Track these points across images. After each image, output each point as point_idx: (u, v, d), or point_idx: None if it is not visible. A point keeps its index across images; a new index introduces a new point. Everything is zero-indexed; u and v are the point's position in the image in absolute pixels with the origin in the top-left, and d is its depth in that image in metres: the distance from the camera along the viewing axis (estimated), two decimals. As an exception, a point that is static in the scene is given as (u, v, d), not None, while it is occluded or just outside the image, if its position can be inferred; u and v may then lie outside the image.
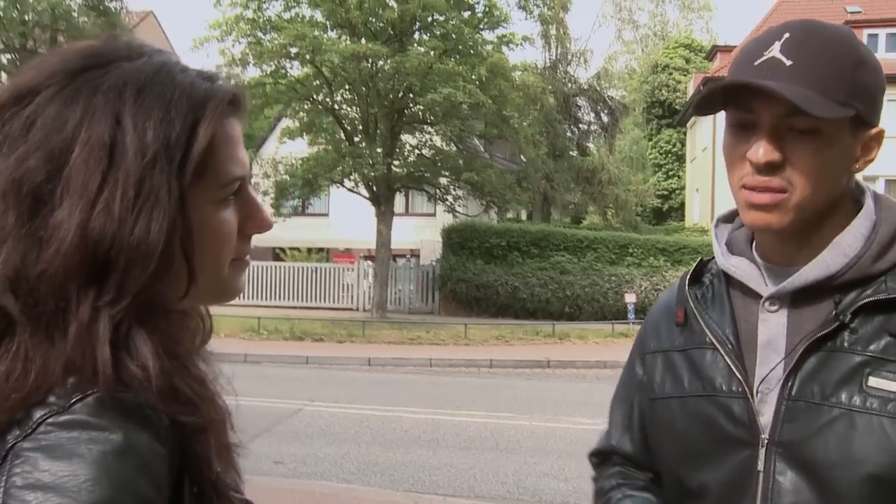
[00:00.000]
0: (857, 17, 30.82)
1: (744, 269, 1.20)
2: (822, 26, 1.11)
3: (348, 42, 19.11)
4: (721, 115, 1.13)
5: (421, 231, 27.70)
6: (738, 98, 1.10)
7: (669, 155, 41.33)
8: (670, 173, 41.23)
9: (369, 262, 23.96)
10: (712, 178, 30.51)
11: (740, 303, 1.20)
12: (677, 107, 39.54)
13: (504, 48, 21.54)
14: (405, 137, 21.55)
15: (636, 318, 19.82)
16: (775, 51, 1.08)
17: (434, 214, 26.97)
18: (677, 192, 40.23)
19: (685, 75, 40.00)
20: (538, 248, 21.96)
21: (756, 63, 1.09)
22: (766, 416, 1.13)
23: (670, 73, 40.92)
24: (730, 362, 1.16)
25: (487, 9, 21.05)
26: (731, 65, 1.18)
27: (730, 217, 1.31)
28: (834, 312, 1.10)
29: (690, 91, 36.47)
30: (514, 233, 22.18)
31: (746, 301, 1.20)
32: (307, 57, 19.31)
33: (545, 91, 27.41)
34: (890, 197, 1.21)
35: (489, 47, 20.88)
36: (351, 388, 11.87)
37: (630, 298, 20.06)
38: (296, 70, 21.08)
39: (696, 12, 53.51)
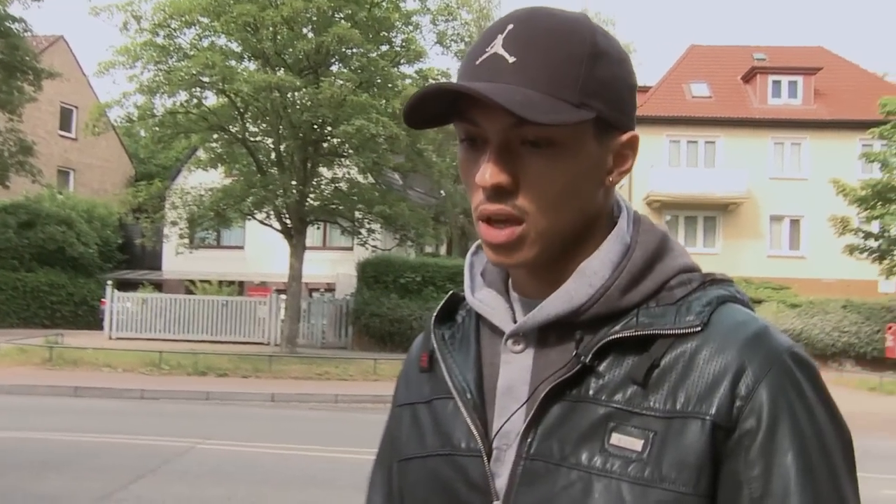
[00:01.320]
0: (762, 64, 32.04)
1: (489, 302, 1.00)
2: (552, 14, 0.91)
3: (261, 72, 18.85)
4: (640, 151, 0.94)
5: (338, 265, 27.40)
6: (462, 108, 0.90)
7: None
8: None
9: (283, 296, 23.52)
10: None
11: (488, 343, 1.00)
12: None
13: (422, 83, 21.58)
14: (321, 170, 21.33)
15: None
16: (497, 46, 0.89)
17: (351, 248, 26.72)
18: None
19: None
20: (454, 284, 21.85)
21: (477, 62, 0.90)
22: (502, 479, 0.93)
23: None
24: (466, 415, 0.96)
25: (405, 43, 21.10)
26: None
27: None
28: (575, 352, 0.91)
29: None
30: (430, 267, 22.09)
31: (494, 340, 0.99)
32: (219, 86, 18.97)
33: (462, 127, 27.51)
34: (652, 219, 1.02)
35: (408, 81, 20.89)
36: (250, 425, 11.48)
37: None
38: (211, 100, 20.72)
39: (614, 54, 55.01)
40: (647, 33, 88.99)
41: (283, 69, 19.72)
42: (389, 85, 20.37)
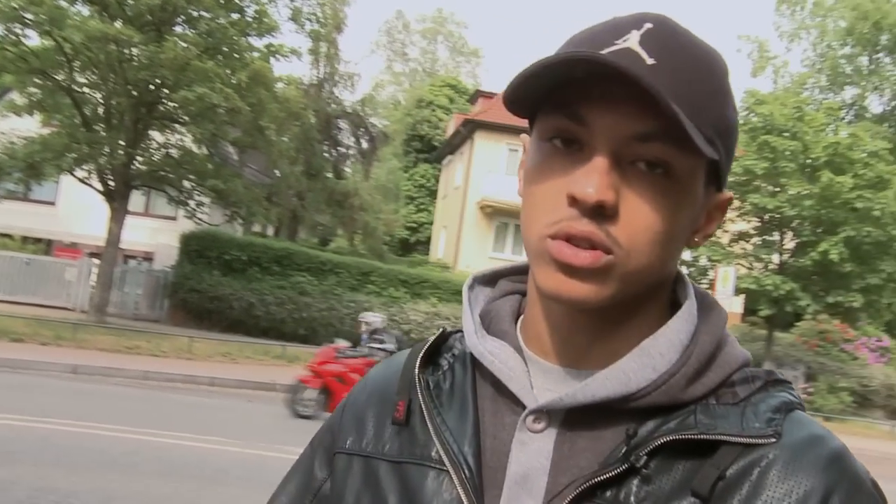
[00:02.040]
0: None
1: (505, 359, 0.81)
2: (688, 30, 0.77)
3: (97, 20, 17.57)
4: (479, 157, 0.76)
5: (158, 234, 26.09)
6: (566, 97, 0.73)
7: (423, 189, 42.37)
8: (421, 207, 42.24)
9: (95, 261, 22.10)
10: (461, 217, 31.60)
11: (490, 407, 0.82)
12: (436, 143, 40.72)
13: (271, 58, 20.90)
14: (153, 133, 20.19)
15: (370, 347, 19.80)
16: (632, 41, 0.73)
17: (175, 218, 25.49)
18: (426, 226, 41.27)
19: (447, 114, 41.37)
20: (280, 266, 21.37)
21: (604, 52, 0.72)
22: None
23: (433, 110, 42.14)
24: (463, 497, 0.77)
25: (258, 15, 20.37)
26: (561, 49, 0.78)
27: (491, 279, 0.93)
28: (625, 449, 0.73)
29: (450, 130, 37.70)
30: (257, 247, 21.45)
31: (499, 406, 0.81)
32: (45, 28, 17.51)
33: (307, 108, 27.02)
34: (704, 290, 0.86)
35: (255, 54, 20.17)
36: (45, 398, 10.63)
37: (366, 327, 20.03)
38: (36, 41, 19.08)
39: (465, 56, 55.92)
40: (498, 39, 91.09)
41: (122, 21, 18.49)
42: (237, 55, 19.58)
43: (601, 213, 0.71)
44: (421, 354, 0.87)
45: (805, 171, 21.74)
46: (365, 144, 32.79)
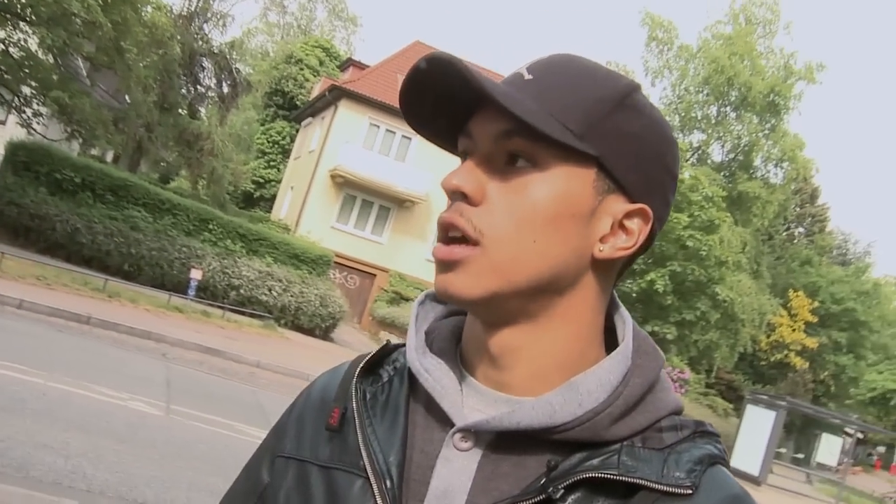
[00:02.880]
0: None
1: (439, 377, 0.83)
2: (591, 61, 0.83)
3: None
4: (339, 125, 0.79)
5: (-17, 136, 24.08)
6: (466, 124, 0.82)
7: (276, 146, 41.42)
8: (272, 164, 41.30)
9: None
10: (310, 181, 31.12)
11: (421, 421, 0.84)
12: (298, 102, 39.88)
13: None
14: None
15: (196, 296, 19.20)
16: (523, 66, 0.82)
17: (4, 123, 23.63)
18: (273, 183, 40.38)
19: (315, 75, 40.59)
20: (114, 196, 20.23)
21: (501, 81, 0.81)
22: None
23: (301, 69, 41.23)
24: None
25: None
26: None
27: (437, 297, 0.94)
28: (544, 480, 0.75)
29: (315, 91, 37.02)
30: (93, 172, 20.19)
31: (430, 421, 0.83)
32: None
33: (174, 38, 25.74)
34: (645, 333, 0.88)
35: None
36: None
37: (195, 274, 19.41)
38: None
39: (343, 21, 55.00)
40: (381, 13, 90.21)
41: None
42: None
43: (464, 200, 0.78)
44: (361, 364, 0.89)
45: (645, 203, 22.86)
46: (226, 89, 31.62)
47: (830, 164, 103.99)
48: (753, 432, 19.95)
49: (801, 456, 26.39)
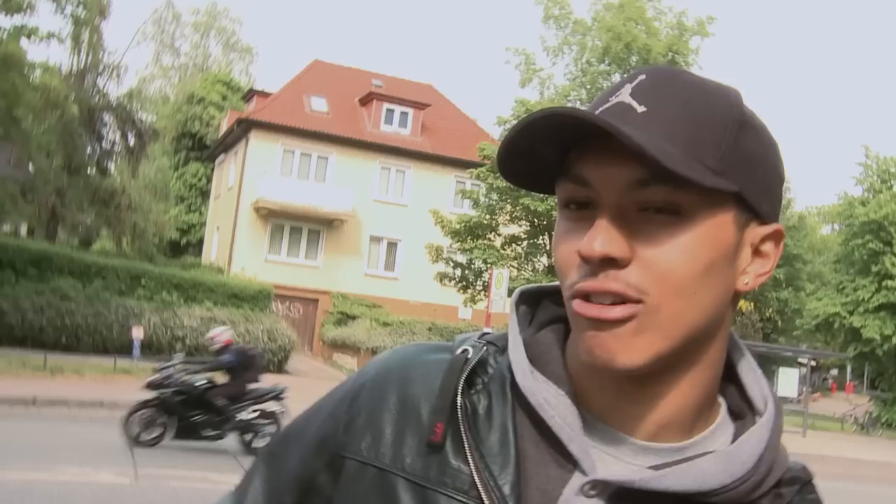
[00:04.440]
0: (379, 91, 33.81)
1: (562, 412, 0.76)
2: (690, 73, 0.77)
3: None
4: (253, 156, 0.70)
5: None
6: (570, 163, 0.74)
7: (194, 189, 40.69)
8: (192, 207, 40.55)
9: None
10: (235, 218, 30.66)
11: (533, 452, 0.77)
12: (208, 141, 39.26)
13: (24, 40, 19.12)
14: None
15: (141, 355, 18.71)
16: (624, 95, 0.74)
17: None
18: (198, 227, 39.65)
19: (220, 111, 40.00)
20: (37, 270, 19.62)
21: (598, 111, 0.74)
22: None
23: (205, 107, 40.58)
24: None
25: (8, -9, 18.56)
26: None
27: (536, 297, 0.88)
28: None
29: (224, 127, 36.49)
30: (10, 249, 19.56)
31: (543, 454, 0.77)
32: None
33: (68, 99, 25.04)
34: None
35: (3, 35, 18.35)
36: None
37: (137, 333, 18.89)
38: None
39: (238, 53, 54.29)
40: (274, 40, 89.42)
41: None
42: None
43: (613, 265, 0.71)
44: (464, 377, 0.80)
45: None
46: (132, 140, 30.87)
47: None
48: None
49: (762, 395, 27.13)
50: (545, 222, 23.36)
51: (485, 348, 0.83)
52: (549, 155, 0.75)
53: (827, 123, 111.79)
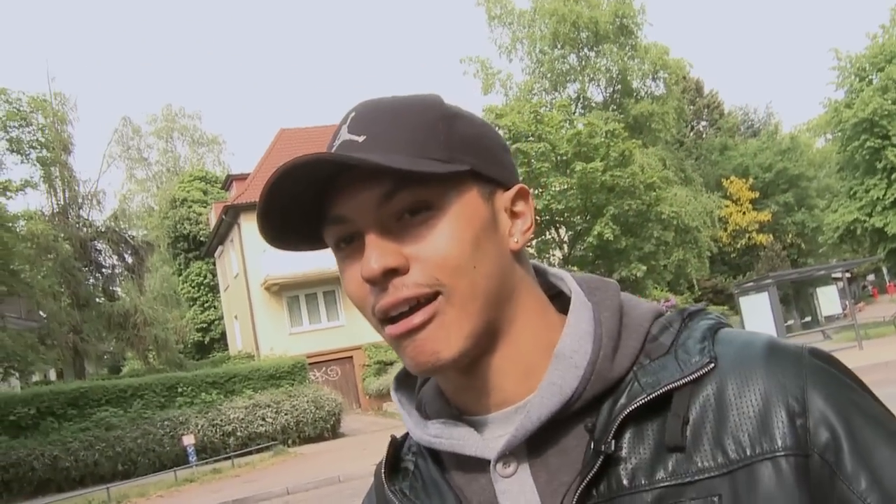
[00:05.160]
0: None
1: (450, 433, 0.83)
2: (391, 96, 0.84)
3: None
4: (249, 239, 0.75)
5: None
6: (326, 210, 0.81)
7: (202, 287, 40.88)
8: (206, 305, 40.72)
9: None
10: (249, 303, 30.72)
11: (464, 481, 0.84)
12: (202, 239, 39.49)
13: (0, 197, 19.36)
14: None
15: (198, 460, 18.72)
16: (343, 135, 0.81)
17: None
18: (216, 322, 39.79)
19: (205, 207, 40.28)
20: (76, 408, 19.68)
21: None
22: None
23: (190, 206, 40.87)
24: None
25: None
26: None
27: (409, 372, 0.95)
28: (592, 445, 0.77)
29: (213, 221, 36.70)
30: (45, 397, 19.64)
31: (471, 475, 0.84)
32: None
33: (58, 238, 25.25)
34: (588, 275, 0.92)
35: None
36: None
37: (188, 440, 18.92)
38: None
39: (206, 146, 54.70)
40: (236, 123, 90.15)
41: None
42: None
43: (396, 274, 0.77)
44: (383, 470, 0.89)
45: (559, 167, 23.20)
46: (130, 259, 31.08)
47: (701, 54, 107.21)
48: (757, 320, 20.16)
49: (808, 319, 26.78)
50: (548, 217, 23.36)
51: (404, 437, 0.93)
52: (308, 213, 0.81)
53: (794, 39, 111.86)
